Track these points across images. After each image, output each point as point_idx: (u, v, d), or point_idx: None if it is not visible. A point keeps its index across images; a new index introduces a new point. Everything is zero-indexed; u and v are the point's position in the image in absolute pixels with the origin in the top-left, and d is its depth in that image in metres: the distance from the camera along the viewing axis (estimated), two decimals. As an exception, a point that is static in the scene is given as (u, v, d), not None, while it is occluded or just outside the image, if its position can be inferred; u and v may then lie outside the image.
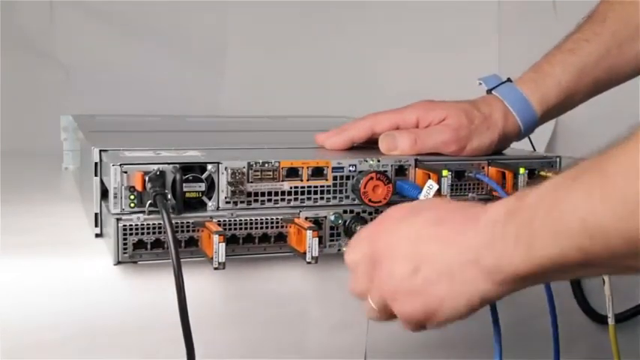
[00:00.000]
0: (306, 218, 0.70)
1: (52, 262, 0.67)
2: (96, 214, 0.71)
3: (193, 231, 0.67)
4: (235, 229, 0.68)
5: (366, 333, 0.75)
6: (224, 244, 0.64)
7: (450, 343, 0.79)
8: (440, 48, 1.60)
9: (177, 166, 0.66)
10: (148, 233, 0.65)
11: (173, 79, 1.60)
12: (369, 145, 0.80)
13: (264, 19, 1.64)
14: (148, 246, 0.65)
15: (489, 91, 0.83)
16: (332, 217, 0.71)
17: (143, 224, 0.65)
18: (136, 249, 0.65)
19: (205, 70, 1.63)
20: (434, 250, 0.54)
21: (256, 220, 0.69)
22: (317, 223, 0.70)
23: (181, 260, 0.60)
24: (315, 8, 1.62)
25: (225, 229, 0.67)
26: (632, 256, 0.43)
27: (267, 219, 0.69)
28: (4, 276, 0.65)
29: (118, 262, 0.65)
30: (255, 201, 0.70)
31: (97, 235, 0.72)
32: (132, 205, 0.66)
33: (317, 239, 0.67)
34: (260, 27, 1.65)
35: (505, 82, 0.83)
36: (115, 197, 0.65)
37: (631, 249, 0.42)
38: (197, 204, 0.68)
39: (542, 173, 0.77)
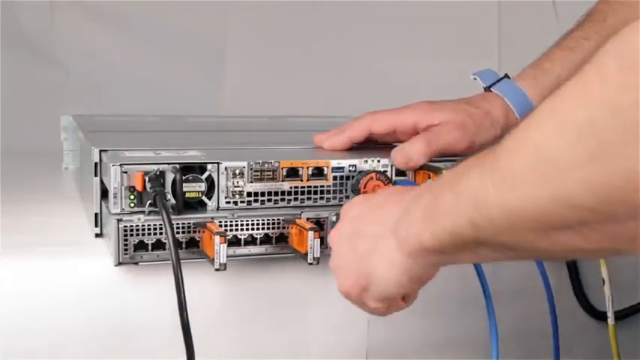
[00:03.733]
0: (308, 219, 0.69)
1: (51, 262, 0.67)
2: (96, 214, 0.71)
3: (194, 232, 0.67)
4: (236, 229, 0.68)
5: (367, 333, 0.75)
6: (225, 245, 0.63)
7: (450, 343, 0.79)
8: (440, 48, 1.60)
9: (177, 166, 0.66)
10: (149, 234, 0.65)
11: (173, 79, 1.60)
12: (369, 144, 0.80)
13: (264, 19, 1.64)
14: (149, 247, 0.65)
15: (487, 89, 0.82)
16: (333, 218, 0.70)
17: (144, 225, 0.65)
18: (137, 250, 0.65)
19: (205, 70, 1.63)
20: (366, 228, 0.58)
21: (257, 220, 0.68)
22: (318, 224, 0.69)
23: (183, 261, 0.60)
24: (315, 9, 1.62)
25: (226, 230, 0.67)
26: (510, 232, 0.44)
27: (268, 220, 0.69)
28: (4, 276, 0.65)
29: (119, 263, 0.65)
30: (255, 201, 0.70)
31: (97, 235, 0.72)
32: (132, 205, 0.66)
33: (319, 240, 0.66)
34: (260, 27, 1.64)
35: (503, 78, 0.82)
36: (115, 197, 0.65)
37: (510, 223, 0.44)
38: (197, 204, 0.68)
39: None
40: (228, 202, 0.69)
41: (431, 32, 1.61)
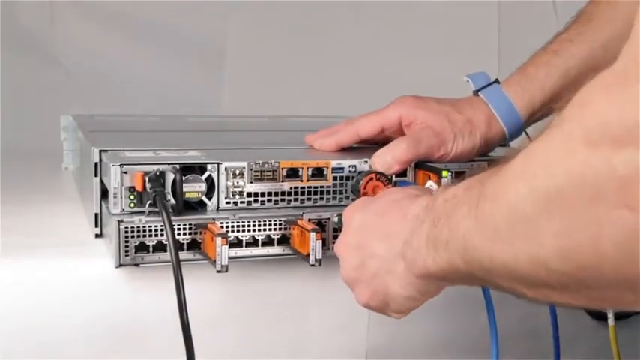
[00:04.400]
0: (310, 220, 0.69)
1: (51, 262, 0.67)
2: (96, 215, 0.71)
3: (195, 233, 0.66)
4: (238, 231, 0.67)
5: (366, 333, 0.75)
6: (227, 246, 0.63)
7: (449, 343, 0.79)
8: (440, 48, 1.60)
9: (177, 166, 0.66)
10: (150, 235, 0.65)
11: (173, 79, 1.60)
12: (361, 144, 0.80)
13: (264, 19, 1.64)
14: (150, 248, 0.65)
15: (476, 92, 0.81)
16: (335, 219, 0.70)
17: (145, 226, 0.64)
18: (138, 251, 0.65)
19: (205, 70, 1.63)
20: (373, 244, 0.57)
21: (259, 222, 0.68)
22: (320, 225, 0.69)
23: (184, 263, 0.59)
24: (315, 9, 1.62)
25: (227, 232, 0.67)
26: (501, 279, 0.44)
27: (269, 221, 0.68)
28: (4, 276, 0.65)
29: (120, 265, 0.64)
30: (255, 202, 0.70)
31: (96, 236, 0.72)
32: (132, 205, 0.66)
33: (321, 241, 0.66)
34: (260, 27, 1.64)
35: (493, 83, 0.81)
36: (115, 197, 0.65)
37: (497, 272, 0.44)
38: (197, 204, 0.68)
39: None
40: (228, 203, 0.69)
41: (431, 32, 1.61)
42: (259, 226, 0.68)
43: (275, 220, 0.68)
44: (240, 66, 1.64)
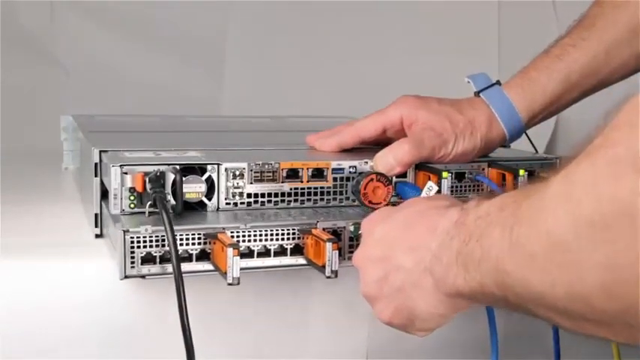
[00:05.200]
0: (324, 229, 0.66)
1: (51, 263, 0.67)
2: (96, 215, 0.71)
3: (205, 243, 0.64)
4: (249, 240, 0.65)
5: (367, 333, 0.75)
6: (238, 257, 0.60)
7: (450, 343, 0.79)
8: (440, 48, 1.60)
9: (178, 166, 0.66)
10: (157, 246, 0.62)
11: (173, 79, 1.60)
12: (363, 145, 0.80)
13: (264, 18, 1.64)
14: (157, 259, 0.62)
15: (477, 93, 0.81)
16: (351, 228, 0.67)
17: (151, 236, 0.62)
18: (144, 263, 0.62)
19: (205, 70, 1.63)
20: (398, 257, 0.55)
21: (271, 231, 0.65)
22: (335, 234, 0.66)
23: (194, 275, 0.59)
24: (315, 8, 1.62)
25: (238, 242, 0.64)
26: (535, 306, 0.43)
27: (282, 230, 0.66)
28: (4, 277, 0.65)
29: (125, 277, 0.62)
30: (255, 202, 0.70)
31: (97, 236, 0.72)
32: (132, 205, 0.66)
33: (337, 252, 0.63)
34: (260, 27, 1.65)
35: (494, 84, 0.81)
36: (115, 198, 0.65)
37: (532, 300, 0.42)
38: (197, 205, 0.68)
39: (543, 174, 0.76)
40: (228, 203, 0.69)
41: (431, 32, 1.62)
42: (271, 235, 0.65)
43: (288, 229, 0.66)
44: (240, 66, 1.64)
